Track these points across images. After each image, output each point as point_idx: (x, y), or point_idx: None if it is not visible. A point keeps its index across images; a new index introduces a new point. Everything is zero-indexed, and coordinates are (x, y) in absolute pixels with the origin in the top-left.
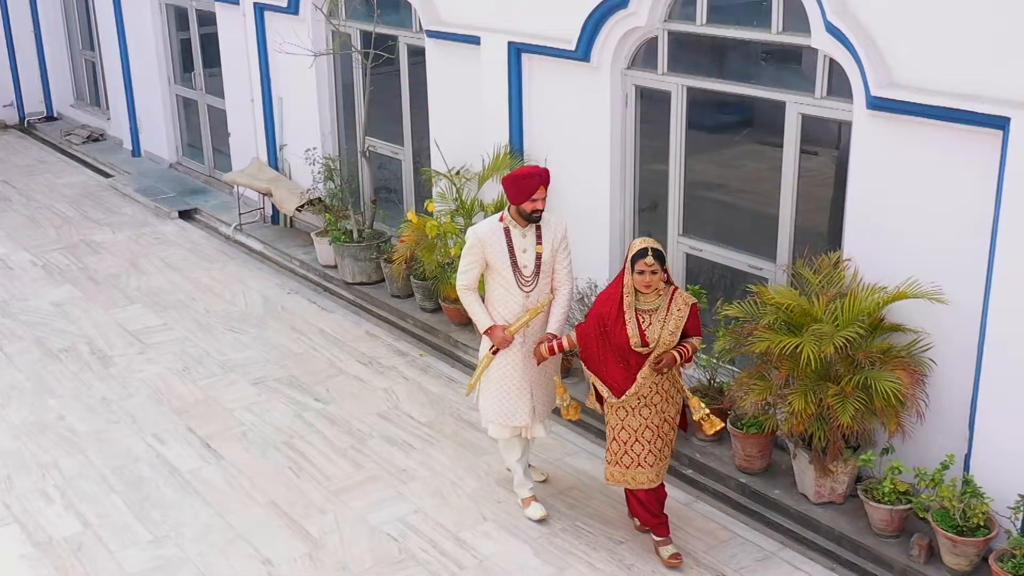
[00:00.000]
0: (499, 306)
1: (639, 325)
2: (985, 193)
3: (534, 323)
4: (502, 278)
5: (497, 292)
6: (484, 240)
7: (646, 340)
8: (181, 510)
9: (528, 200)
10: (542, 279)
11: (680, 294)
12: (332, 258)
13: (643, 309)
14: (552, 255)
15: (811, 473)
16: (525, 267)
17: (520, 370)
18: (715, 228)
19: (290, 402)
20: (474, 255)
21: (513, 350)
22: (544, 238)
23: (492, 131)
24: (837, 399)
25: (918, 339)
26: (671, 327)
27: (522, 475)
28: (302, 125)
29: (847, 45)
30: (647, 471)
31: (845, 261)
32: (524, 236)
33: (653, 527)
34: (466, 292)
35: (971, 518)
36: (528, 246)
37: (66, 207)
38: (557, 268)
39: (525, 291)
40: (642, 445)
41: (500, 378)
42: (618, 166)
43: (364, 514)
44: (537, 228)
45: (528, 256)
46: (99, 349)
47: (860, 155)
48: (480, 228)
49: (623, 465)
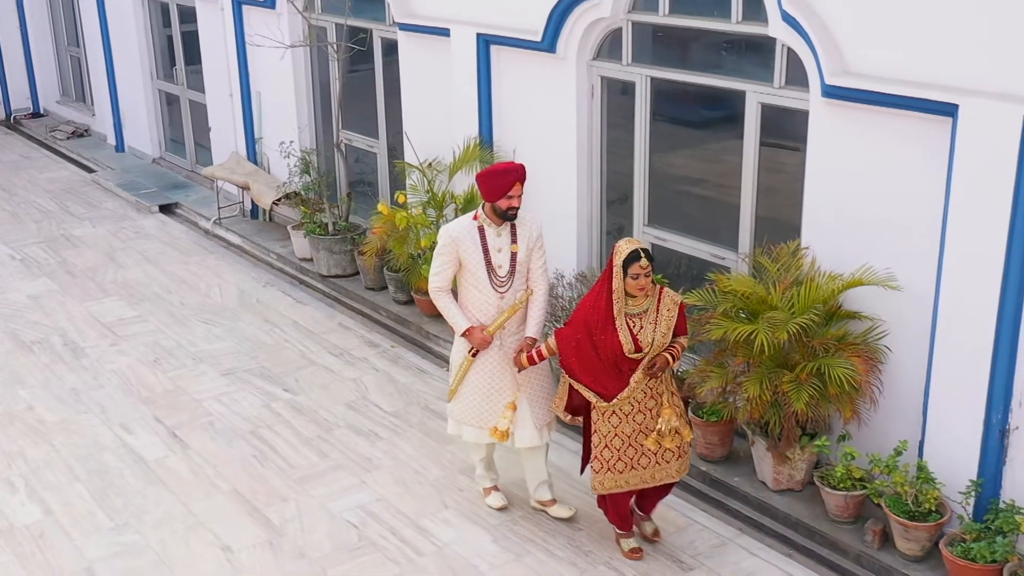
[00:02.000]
0: (472, 308)
1: (631, 330)
2: (937, 180)
3: (511, 323)
4: (475, 278)
5: (470, 293)
6: (457, 239)
7: (640, 345)
8: (144, 498)
9: (503, 197)
10: (517, 279)
11: (667, 293)
12: (308, 251)
13: (632, 313)
14: (527, 255)
15: (769, 460)
16: (499, 267)
17: (499, 372)
18: (681, 219)
19: (259, 392)
20: (447, 255)
21: (492, 351)
22: (519, 237)
23: (463, 123)
24: (791, 386)
25: (874, 326)
26: (663, 329)
27: (483, 470)
28: (280, 119)
29: (802, 33)
30: (640, 472)
31: (803, 249)
32: (499, 235)
33: (616, 523)
34: (439, 294)
35: (923, 503)
36: (503, 245)
37: (47, 202)
38: (533, 268)
39: (499, 292)
40: (635, 449)
41: (479, 381)
42: (585, 157)
43: (326, 502)
44: (512, 227)
45: (503, 256)
46: (72, 341)
47: (816, 144)
48: (453, 227)
49: (616, 471)
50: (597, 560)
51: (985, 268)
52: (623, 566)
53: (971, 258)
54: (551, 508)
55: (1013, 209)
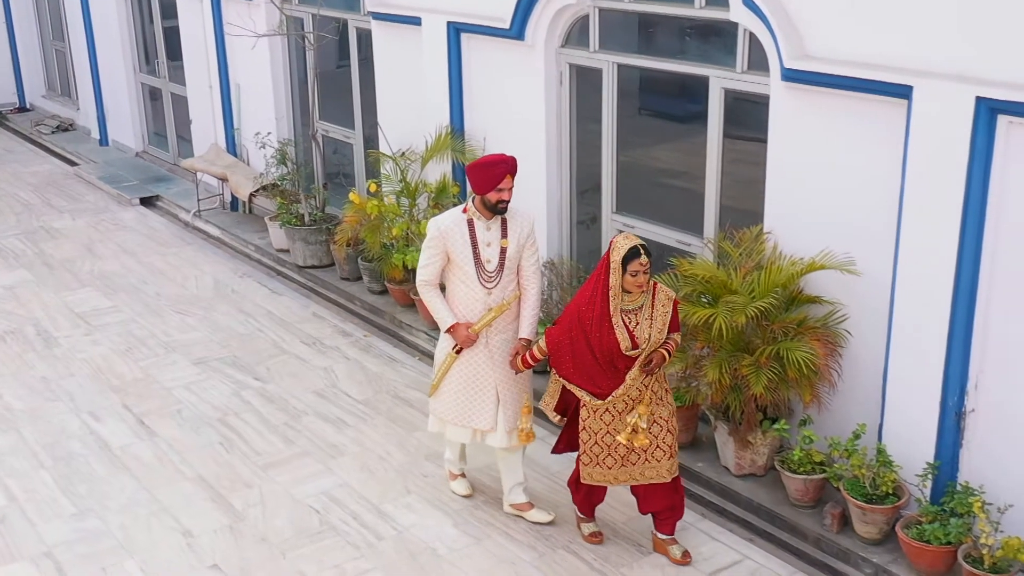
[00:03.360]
0: (458, 303)
1: (627, 327)
2: (895, 164)
3: (498, 321)
4: (463, 273)
5: (457, 288)
6: (446, 233)
7: (636, 342)
8: (108, 485)
9: (494, 190)
10: (506, 276)
11: (661, 289)
12: (285, 242)
13: (627, 309)
14: (518, 251)
15: (731, 445)
16: (488, 262)
17: (484, 371)
18: (649, 206)
19: (229, 381)
20: (435, 248)
21: (476, 349)
22: (510, 232)
23: (434, 112)
24: (751, 369)
25: (835, 311)
26: (659, 325)
27: (454, 457)
28: (258, 110)
29: (762, 18)
30: (629, 469)
31: (765, 234)
32: (488, 229)
33: (581, 506)
34: (426, 288)
35: (881, 487)
36: (492, 239)
37: (29, 195)
38: (523, 265)
39: (487, 287)
40: (627, 447)
41: (461, 378)
42: (554, 144)
43: (290, 488)
44: (503, 221)
45: (492, 250)
46: (45, 330)
47: (777, 128)
48: (442, 220)
49: (605, 466)
50: (557, 544)
51: (940, 251)
52: (583, 550)
53: (926, 241)
54: (528, 513)
55: (966, 191)
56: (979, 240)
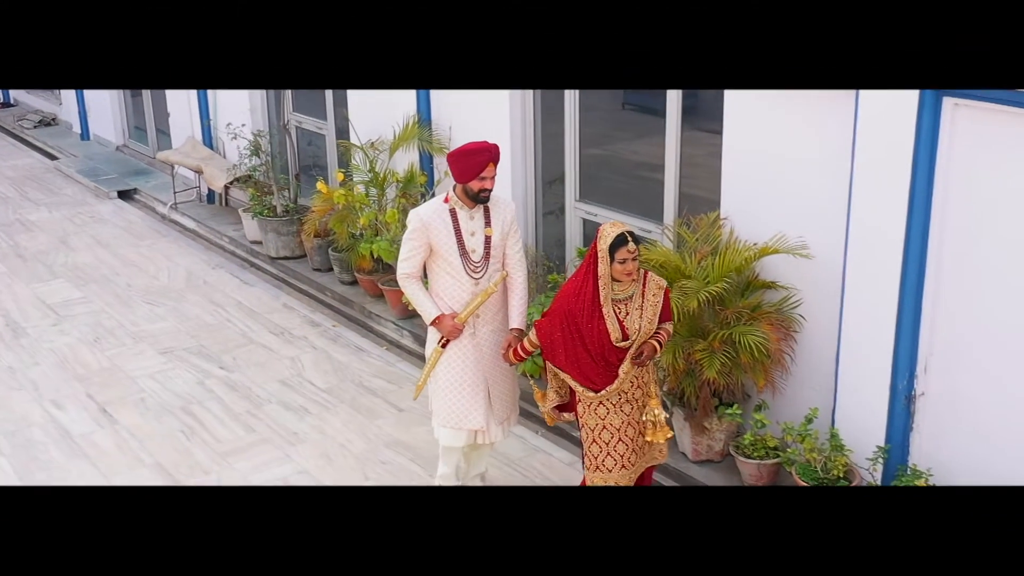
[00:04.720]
0: (445, 296)
1: (617, 317)
2: (845, 148)
3: (484, 311)
4: (448, 264)
5: (443, 280)
6: (428, 223)
7: (627, 333)
8: (66, 472)
9: (476, 179)
10: (492, 264)
11: (652, 277)
12: (259, 234)
13: (618, 299)
14: (502, 239)
15: (688, 431)
16: (474, 251)
17: (472, 364)
18: (610, 195)
19: (194, 370)
20: (417, 240)
21: (463, 342)
22: (493, 220)
23: (402, 101)
24: (704, 354)
25: (789, 295)
26: (649, 315)
27: (451, 472)
28: (232, 102)
29: None
30: (629, 471)
31: (722, 220)
32: (472, 218)
33: None
34: (408, 281)
35: (832, 470)
36: (476, 229)
37: (7, 188)
38: (508, 253)
39: (474, 278)
40: (625, 444)
41: (450, 375)
42: (519, 134)
43: (248, 474)
44: (486, 209)
45: (476, 240)
46: (13, 321)
47: (732, 114)
48: (423, 210)
49: (605, 469)
50: None
51: (888, 234)
52: None
53: (875, 224)
54: None
55: (913, 173)
56: (926, 222)
